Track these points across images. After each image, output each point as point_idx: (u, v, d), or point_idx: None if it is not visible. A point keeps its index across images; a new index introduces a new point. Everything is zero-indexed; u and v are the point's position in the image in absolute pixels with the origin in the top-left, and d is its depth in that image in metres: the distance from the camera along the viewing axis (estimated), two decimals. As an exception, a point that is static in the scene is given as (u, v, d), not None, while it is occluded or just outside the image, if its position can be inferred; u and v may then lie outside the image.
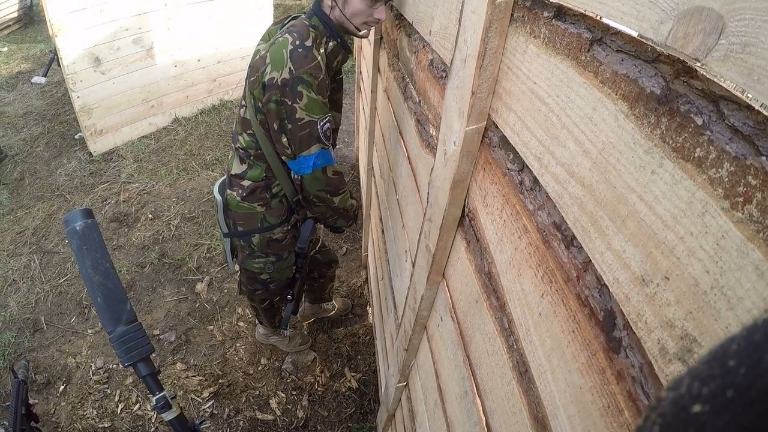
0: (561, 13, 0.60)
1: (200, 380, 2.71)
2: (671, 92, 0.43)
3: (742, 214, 0.36)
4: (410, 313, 1.35)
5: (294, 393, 2.67)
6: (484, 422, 0.87)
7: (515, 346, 0.74)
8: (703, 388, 0.17)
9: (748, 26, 0.35)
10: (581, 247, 0.57)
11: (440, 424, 1.17)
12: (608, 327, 0.52)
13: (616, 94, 0.50)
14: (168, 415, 1.20)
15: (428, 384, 1.30)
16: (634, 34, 0.48)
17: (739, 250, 0.37)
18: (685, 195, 0.41)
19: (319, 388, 2.70)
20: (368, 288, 3.23)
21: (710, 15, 0.37)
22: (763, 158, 0.35)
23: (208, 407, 2.58)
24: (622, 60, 0.49)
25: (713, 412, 0.16)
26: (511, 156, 0.77)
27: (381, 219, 2.38)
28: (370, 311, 3.13)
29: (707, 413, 0.16)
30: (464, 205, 0.98)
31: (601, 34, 0.53)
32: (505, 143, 0.78)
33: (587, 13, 0.54)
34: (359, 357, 2.88)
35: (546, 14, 0.62)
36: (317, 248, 2.50)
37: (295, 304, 2.38)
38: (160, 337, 2.95)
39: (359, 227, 3.71)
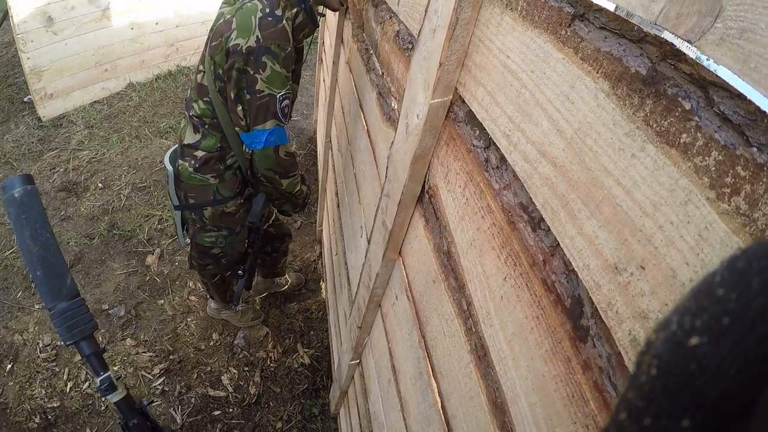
0: (541, -17, 0.56)
1: (150, 356, 2.62)
2: (658, 74, 0.41)
3: (729, 205, 0.35)
4: (365, 290, 1.33)
5: (246, 369, 2.63)
6: (439, 404, 0.86)
7: (474, 329, 0.73)
8: (695, 321, 0.17)
9: (748, 11, 0.33)
10: (549, 230, 0.55)
11: (394, 403, 1.16)
12: (575, 315, 0.51)
13: (597, 72, 0.47)
14: (113, 397, 1.14)
15: (382, 363, 1.29)
16: (622, 13, 0.45)
17: (723, 243, 0.35)
18: (667, 182, 0.39)
19: (271, 364, 2.67)
20: (322, 263, 3.19)
21: (708, -5, 0.35)
22: (754, 149, 0.33)
23: (159, 384, 2.50)
24: (606, 38, 0.47)
25: (712, 341, 0.16)
26: (478, 132, 0.74)
27: (337, 193, 2.33)
28: (323, 286, 3.09)
29: (706, 344, 0.16)
30: (425, 181, 0.95)
31: (583, 10, 0.50)
32: (471, 119, 0.75)
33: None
34: (312, 333, 2.85)
35: None
36: (271, 222, 2.43)
37: (247, 279, 2.32)
38: (110, 311, 2.83)
39: (314, 200, 3.65)
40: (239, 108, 1.62)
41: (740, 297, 0.16)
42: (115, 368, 2.54)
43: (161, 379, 2.52)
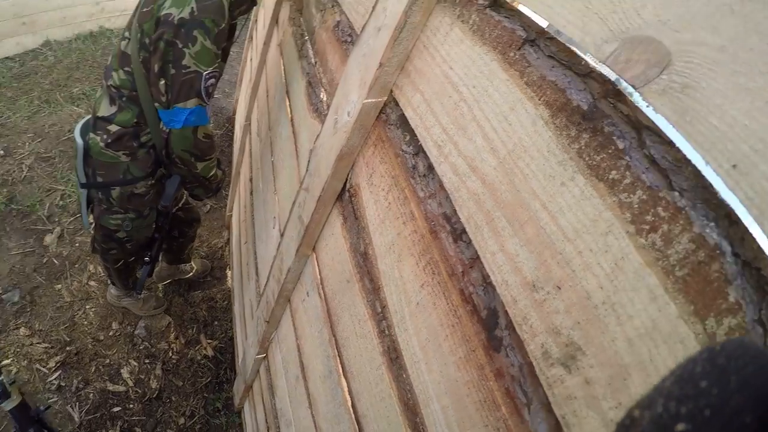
0: (497, 4, 0.58)
1: (46, 348, 2.38)
2: (597, 110, 0.43)
3: (646, 240, 0.38)
4: (275, 283, 1.29)
5: (147, 361, 2.46)
6: (349, 403, 0.85)
7: (387, 332, 0.73)
8: (680, 408, 0.18)
9: (694, 69, 0.35)
10: (470, 242, 0.57)
11: (302, 400, 1.14)
12: (490, 325, 0.53)
13: (540, 99, 0.49)
14: (7, 405, 1.02)
15: (290, 358, 1.26)
16: (577, 50, 0.47)
17: (637, 273, 0.38)
18: (591, 212, 0.42)
19: (173, 356, 2.52)
20: (229, 250, 3.07)
21: (659, 48, 0.38)
22: (676, 193, 0.36)
23: (55, 379, 2.28)
24: (553, 66, 0.49)
25: (696, 430, 0.18)
26: (408, 138, 0.74)
27: (251, 179, 2.25)
28: (229, 275, 2.98)
29: (691, 431, 0.18)
30: (347, 179, 0.94)
31: (535, 36, 0.52)
32: (403, 123, 0.76)
33: (527, 12, 0.52)
34: (216, 323, 2.73)
35: (481, 1, 0.59)
36: (180, 205, 2.30)
37: (152, 266, 2.18)
38: (3, 297, 2.53)
39: (227, 184, 3.51)
40: (162, 82, 1.51)
41: (720, 392, 0.18)
42: (7, 361, 2.28)
43: (57, 373, 2.31)
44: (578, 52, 0.46)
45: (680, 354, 0.36)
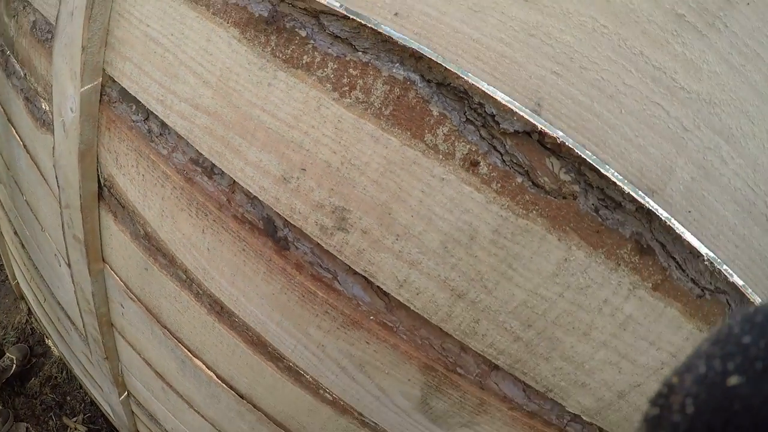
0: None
1: None
2: (278, 13, 0.49)
3: (351, 99, 0.45)
4: (90, 317, 1.20)
5: None
6: (213, 376, 0.86)
7: (201, 291, 0.75)
8: (727, 364, 0.18)
9: None
10: (223, 172, 0.61)
11: (179, 406, 1.10)
12: (271, 231, 0.58)
13: (228, 23, 0.53)
14: None
15: (146, 377, 1.20)
16: None
17: (354, 126, 0.46)
18: (300, 96, 0.48)
19: None
20: (36, 318, 2.68)
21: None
22: (359, 53, 0.44)
23: None
24: None
25: (751, 382, 0.17)
26: (134, 107, 0.73)
27: (16, 232, 1.97)
28: (50, 343, 2.62)
29: (745, 384, 0.17)
30: (98, 175, 0.89)
31: None
32: (125, 95, 0.74)
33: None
34: (69, 398, 2.43)
35: None
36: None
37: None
38: None
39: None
40: None
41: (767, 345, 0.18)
42: None
43: None
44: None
45: (422, 174, 0.45)
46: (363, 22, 0.44)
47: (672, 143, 0.42)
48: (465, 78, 0.43)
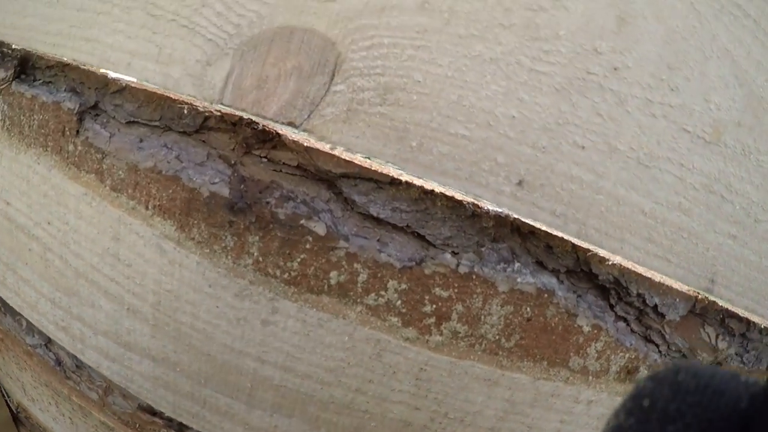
0: (24, 69, 0.32)
1: None
2: (247, 188, 0.24)
3: (441, 336, 0.23)
4: None
5: None
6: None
7: None
8: None
9: None
10: None
11: None
12: None
13: (147, 207, 0.30)
14: None
15: None
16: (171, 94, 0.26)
17: (452, 372, 0.22)
18: (340, 342, 0.24)
19: None
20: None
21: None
22: (447, 256, 0.20)
23: None
24: (140, 141, 0.28)
25: None
26: (24, 324, 0.45)
27: None
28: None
29: None
30: (6, 401, 0.60)
31: (96, 99, 0.30)
32: (5, 306, 0.46)
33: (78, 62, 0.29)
34: None
35: (2, 75, 0.33)
36: None
37: None
38: None
39: None
40: None
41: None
42: None
43: None
44: (173, 95, 0.27)
45: (562, 405, 0.30)
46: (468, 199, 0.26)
47: None
48: (630, 269, 0.28)
